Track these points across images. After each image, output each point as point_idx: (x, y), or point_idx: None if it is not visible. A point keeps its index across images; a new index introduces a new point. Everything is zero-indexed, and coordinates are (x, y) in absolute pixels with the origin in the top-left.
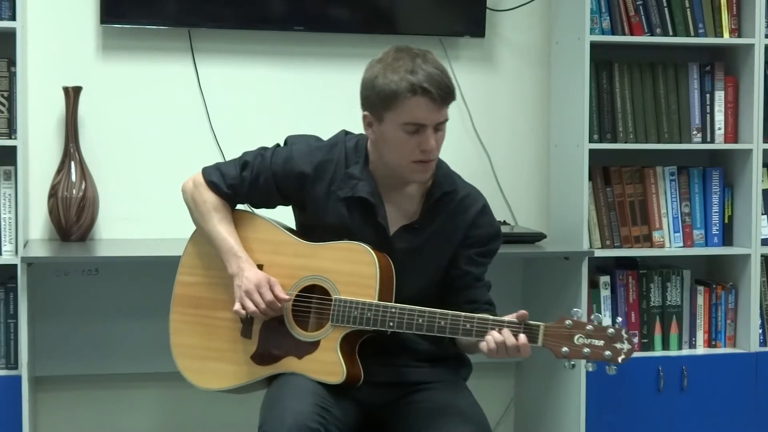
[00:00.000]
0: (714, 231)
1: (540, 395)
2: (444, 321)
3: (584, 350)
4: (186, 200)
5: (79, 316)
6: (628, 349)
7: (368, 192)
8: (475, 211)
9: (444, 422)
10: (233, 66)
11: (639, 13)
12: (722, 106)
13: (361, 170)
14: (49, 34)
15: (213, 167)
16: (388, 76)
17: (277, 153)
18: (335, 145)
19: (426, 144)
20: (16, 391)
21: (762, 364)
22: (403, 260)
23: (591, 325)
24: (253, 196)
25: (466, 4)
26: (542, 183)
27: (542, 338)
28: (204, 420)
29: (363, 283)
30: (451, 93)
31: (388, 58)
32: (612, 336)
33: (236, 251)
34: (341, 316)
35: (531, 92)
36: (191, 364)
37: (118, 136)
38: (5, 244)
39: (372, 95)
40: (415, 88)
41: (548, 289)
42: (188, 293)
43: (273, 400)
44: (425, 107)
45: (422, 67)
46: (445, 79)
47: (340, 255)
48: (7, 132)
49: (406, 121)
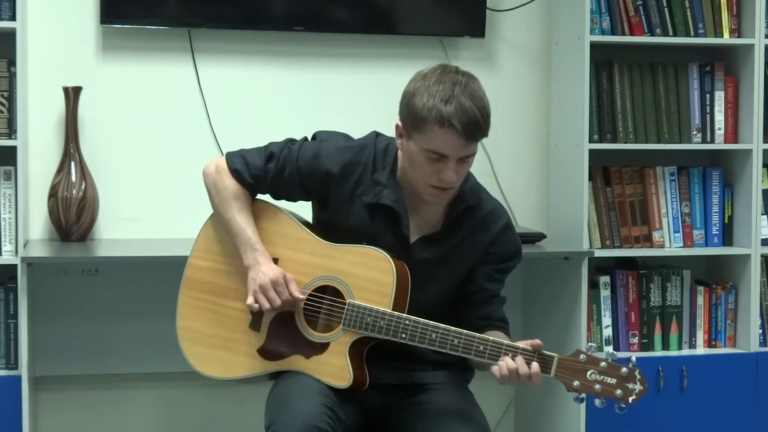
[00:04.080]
0: (714, 231)
1: (540, 395)
2: (457, 340)
3: (596, 386)
4: (206, 184)
5: (79, 316)
6: (639, 390)
7: (393, 200)
8: (497, 228)
9: (444, 422)
10: (233, 66)
11: (639, 13)
12: (722, 106)
13: (387, 176)
14: (49, 34)
15: (237, 154)
16: (423, 98)
17: (304, 148)
18: (365, 147)
19: (444, 174)
20: (16, 391)
21: (762, 364)
22: (421, 270)
23: (605, 362)
24: (275, 188)
25: (466, 4)
26: (542, 183)
27: (555, 370)
28: (204, 420)
29: (378, 290)
30: (481, 131)
31: (431, 77)
32: (625, 375)
33: (253, 243)
34: (354, 321)
35: (531, 92)
36: (195, 349)
37: (118, 136)
38: (5, 244)
39: (405, 111)
40: (443, 121)
41: (548, 289)
42: (199, 277)
43: (281, 400)
44: (450, 141)
45: (459, 98)
46: (478, 116)
47: (359, 259)
48: (7, 132)
49: (429, 149)
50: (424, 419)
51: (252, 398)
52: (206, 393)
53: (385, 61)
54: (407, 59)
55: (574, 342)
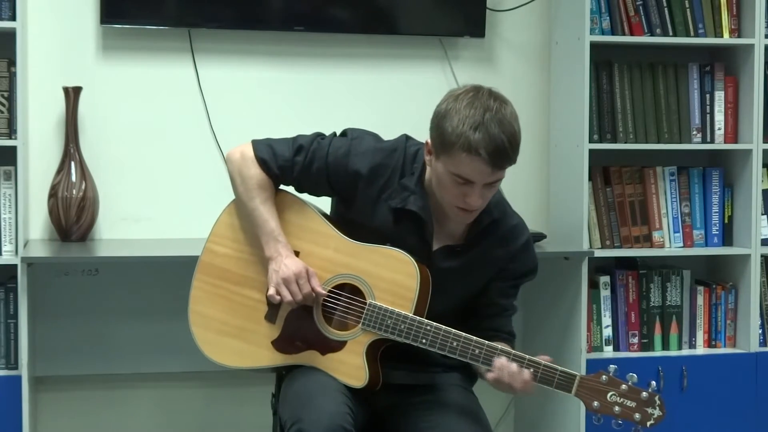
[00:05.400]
0: (714, 231)
1: (540, 395)
2: (479, 350)
3: (615, 408)
4: (230, 170)
5: (79, 316)
6: (658, 415)
7: (419, 207)
8: (517, 245)
9: (449, 421)
10: (233, 66)
11: (639, 13)
12: (722, 106)
13: (415, 183)
14: (49, 34)
15: (264, 143)
16: (453, 121)
17: (335, 144)
18: (395, 151)
19: (470, 198)
20: (16, 391)
21: (762, 364)
22: (438, 279)
23: (626, 385)
24: (301, 181)
25: (466, 4)
26: (542, 183)
27: (576, 388)
28: (204, 420)
29: (401, 294)
30: (509, 159)
31: (463, 99)
32: (645, 400)
33: (276, 235)
34: (373, 322)
35: (531, 92)
36: (207, 335)
37: (118, 136)
38: (5, 244)
39: (435, 131)
40: (471, 149)
41: (548, 289)
42: (215, 263)
43: (305, 398)
44: (477, 169)
45: (488, 125)
46: (506, 145)
47: (383, 261)
48: (7, 132)
49: (455, 173)
50: (429, 417)
51: (252, 398)
52: (206, 393)
53: (385, 61)
54: (407, 59)
55: (575, 342)
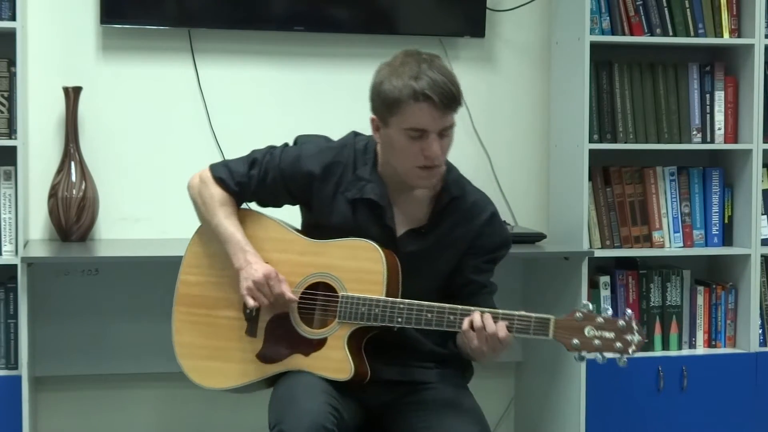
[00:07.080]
0: (714, 231)
1: (540, 395)
2: (453, 316)
3: (595, 342)
4: (192, 196)
5: (79, 316)
6: (638, 340)
7: (376, 194)
8: (482, 220)
9: (444, 420)
10: (233, 66)
11: (639, 13)
12: (722, 106)
13: (370, 172)
14: (49, 34)
15: (221, 164)
16: (392, 81)
17: (286, 152)
18: (344, 147)
19: (429, 150)
20: (16, 391)
21: (762, 364)
22: (408, 264)
23: (601, 318)
24: (260, 194)
25: (466, 4)
26: (542, 183)
27: (553, 330)
28: (204, 420)
29: (370, 279)
30: (455, 100)
31: (395, 62)
32: (622, 328)
33: (243, 245)
34: (348, 313)
35: (531, 92)
36: (195, 364)
37: (118, 136)
38: (5, 244)
39: (378, 100)
40: (418, 95)
41: (548, 290)
42: (191, 293)
43: (286, 399)
44: (428, 114)
45: (427, 73)
46: (450, 86)
47: (346, 252)
48: (7, 132)
49: (408, 127)
50: (424, 416)
51: (251, 398)
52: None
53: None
54: None
55: None
